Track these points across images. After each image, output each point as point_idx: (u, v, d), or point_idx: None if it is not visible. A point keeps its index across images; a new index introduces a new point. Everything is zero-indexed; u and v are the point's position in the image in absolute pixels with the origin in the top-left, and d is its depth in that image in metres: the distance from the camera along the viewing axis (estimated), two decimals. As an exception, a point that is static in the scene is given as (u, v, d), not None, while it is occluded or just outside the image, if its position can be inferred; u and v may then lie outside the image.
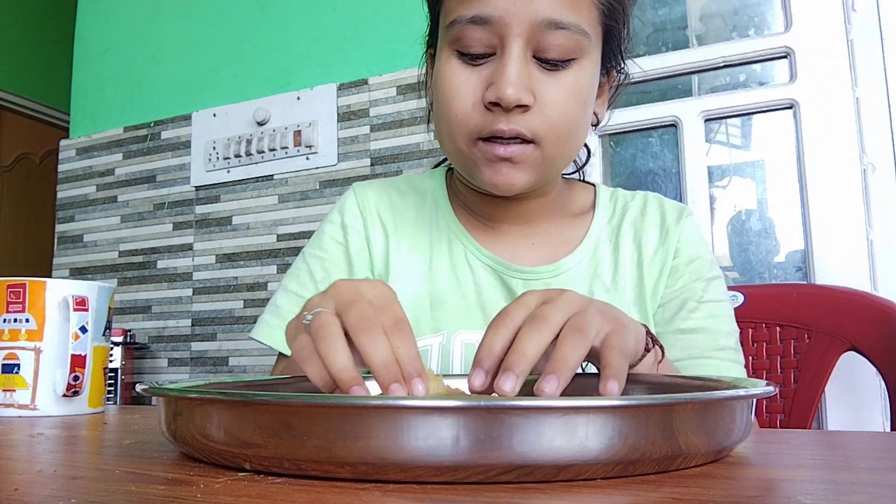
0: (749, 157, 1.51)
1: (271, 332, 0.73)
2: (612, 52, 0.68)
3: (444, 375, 0.62)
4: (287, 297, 0.75)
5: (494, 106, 0.60)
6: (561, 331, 0.41)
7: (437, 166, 0.86)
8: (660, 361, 0.54)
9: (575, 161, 0.79)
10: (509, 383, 0.38)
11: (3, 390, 0.62)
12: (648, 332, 0.53)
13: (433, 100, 0.68)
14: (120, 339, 1.79)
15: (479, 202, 0.74)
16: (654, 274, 0.71)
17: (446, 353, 0.69)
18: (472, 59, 0.62)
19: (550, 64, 0.61)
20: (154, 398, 0.37)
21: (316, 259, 0.76)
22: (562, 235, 0.74)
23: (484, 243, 0.73)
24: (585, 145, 0.78)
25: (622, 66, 0.71)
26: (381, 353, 0.39)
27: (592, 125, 0.71)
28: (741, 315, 1.04)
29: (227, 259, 1.89)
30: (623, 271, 0.72)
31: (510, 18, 0.59)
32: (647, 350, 0.51)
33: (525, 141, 0.61)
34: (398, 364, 0.39)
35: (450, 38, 0.63)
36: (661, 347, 0.54)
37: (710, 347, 0.68)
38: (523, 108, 0.60)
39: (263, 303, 1.81)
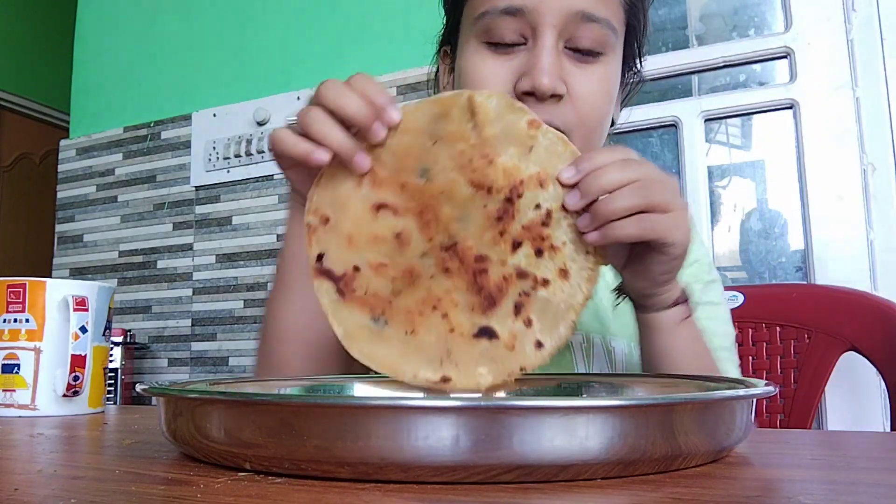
0: (749, 157, 1.51)
1: None
2: (631, 52, 0.68)
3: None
4: None
5: (527, 96, 0.60)
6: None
7: None
8: (687, 317, 0.57)
9: None
10: (573, 198, 0.44)
11: (3, 390, 0.62)
12: (685, 293, 0.57)
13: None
14: (120, 339, 1.79)
15: None
16: None
17: None
18: (502, 49, 0.62)
19: (581, 56, 0.61)
20: (154, 398, 0.37)
21: None
22: None
23: None
24: None
25: (638, 67, 0.71)
26: (353, 99, 0.44)
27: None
28: (741, 315, 1.04)
29: (227, 259, 1.89)
30: None
31: (544, 9, 0.59)
32: (678, 303, 0.56)
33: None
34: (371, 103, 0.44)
35: (478, 30, 0.62)
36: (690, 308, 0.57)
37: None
38: (556, 98, 0.60)
39: (263, 303, 1.81)
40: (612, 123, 0.71)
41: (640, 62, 0.71)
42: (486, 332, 0.44)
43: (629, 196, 0.46)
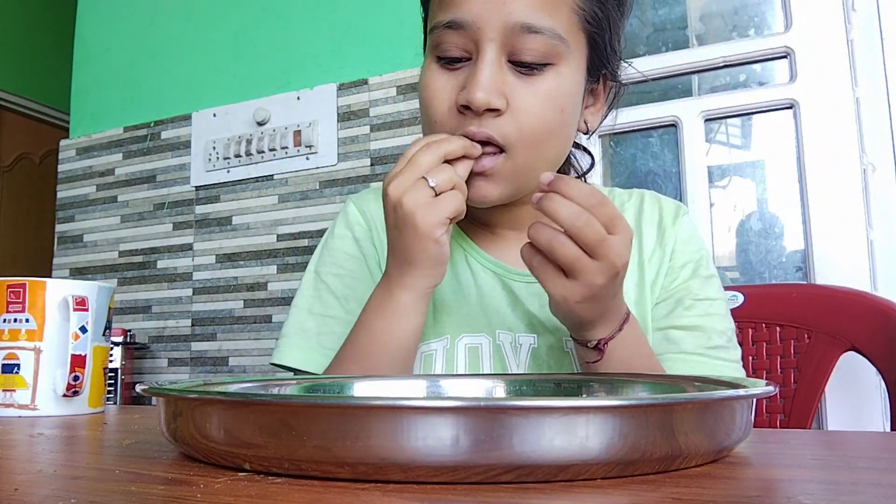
0: (749, 157, 1.51)
1: (305, 356, 0.72)
2: (601, 61, 0.67)
3: (449, 375, 0.63)
4: (314, 318, 0.74)
5: (466, 109, 0.60)
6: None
7: None
8: (596, 361, 0.60)
9: (575, 168, 0.78)
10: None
11: (3, 390, 0.62)
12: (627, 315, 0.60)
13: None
14: (120, 339, 1.79)
15: (474, 207, 0.73)
16: (652, 274, 0.71)
17: (451, 357, 0.68)
18: (449, 63, 0.62)
19: (525, 69, 0.61)
20: (154, 398, 0.37)
21: (335, 277, 0.75)
22: None
23: (484, 247, 0.73)
24: (589, 153, 0.77)
25: (616, 74, 0.70)
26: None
27: (582, 132, 0.70)
28: (741, 315, 1.04)
29: (227, 259, 1.89)
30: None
31: (483, 23, 0.59)
32: (598, 347, 0.59)
33: (496, 152, 0.61)
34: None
35: (431, 44, 0.63)
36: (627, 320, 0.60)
37: (704, 345, 0.68)
38: (495, 112, 0.60)
39: (263, 303, 1.81)
40: (587, 132, 0.70)
41: (617, 70, 0.70)
42: None
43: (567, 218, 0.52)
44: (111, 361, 1.76)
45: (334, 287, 0.74)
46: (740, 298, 1.06)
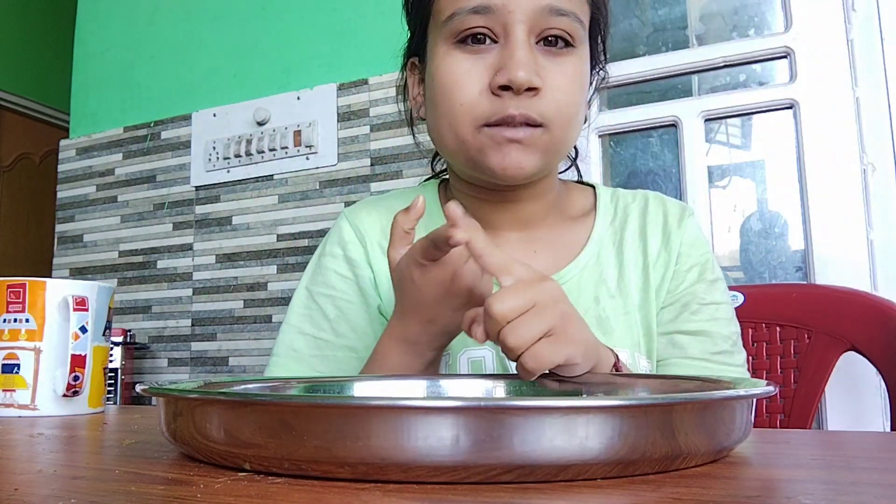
0: (749, 157, 1.51)
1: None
2: (595, 49, 0.70)
3: (449, 375, 0.63)
4: (305, 339, 0.73)
5: (504, 90, 0.60)
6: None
7: (427, 180, 0.85)
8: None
9: (568, 156, 0.79)
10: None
11: (3, 390, 0.62)
12: (616, 364, 0.57)
13: (429, 96, 0.67)
14: (120, 339, 1.79)
15: (477, 207, 0.72)
16: (658, 278, 0.71)
17: (453, 372, 0.68)
18: (474, 48, 0.62)
19: (553, 50, 0.62)
20: (154, 398, 0.37)
21: (326, 298, 0.73)
22: (563, 240, 0.73)
23: None
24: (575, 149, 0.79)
25: (602, 64, 0.73)
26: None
27: None
28: (741, 315, 1.03)
29: (227, 259, 1.89)
30: (628, 276, 0.71)
31: (513, 6, 0.60)
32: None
33: (533, 125, 0.61)
34: None
35: (448, 32, 0.63)
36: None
37: (710, 351, 0.68)
38: (533, 91, 0.60)
39: (264, 303, 1.81)
40: (585, 121, 0.71)
41: (605, 58, 0.73)
42: None
43: (530, 324, 0.46)
44: (111, 361, 1.76)
45: (325, 308, 0.73)
46: (740, 298, 1.06)
